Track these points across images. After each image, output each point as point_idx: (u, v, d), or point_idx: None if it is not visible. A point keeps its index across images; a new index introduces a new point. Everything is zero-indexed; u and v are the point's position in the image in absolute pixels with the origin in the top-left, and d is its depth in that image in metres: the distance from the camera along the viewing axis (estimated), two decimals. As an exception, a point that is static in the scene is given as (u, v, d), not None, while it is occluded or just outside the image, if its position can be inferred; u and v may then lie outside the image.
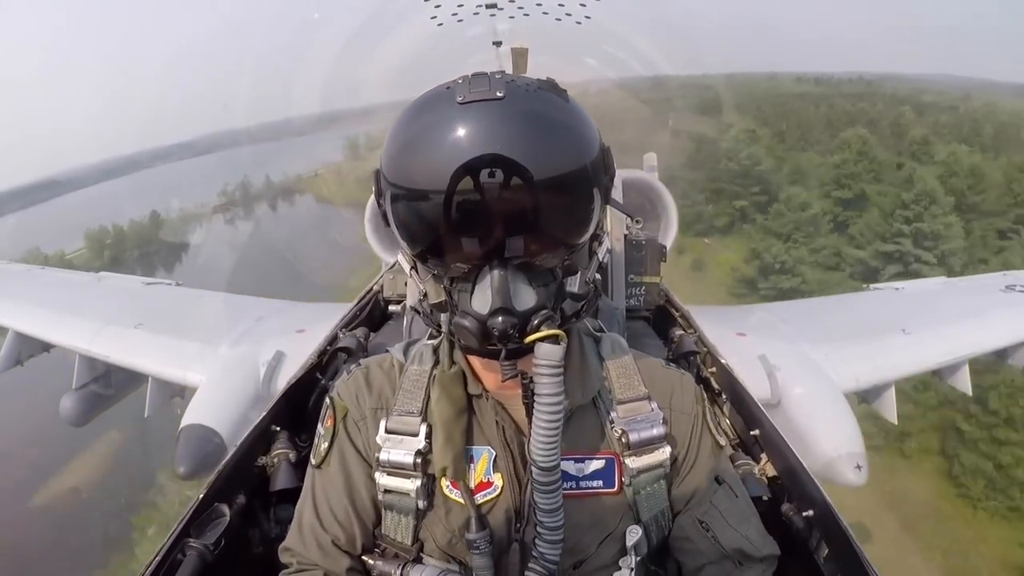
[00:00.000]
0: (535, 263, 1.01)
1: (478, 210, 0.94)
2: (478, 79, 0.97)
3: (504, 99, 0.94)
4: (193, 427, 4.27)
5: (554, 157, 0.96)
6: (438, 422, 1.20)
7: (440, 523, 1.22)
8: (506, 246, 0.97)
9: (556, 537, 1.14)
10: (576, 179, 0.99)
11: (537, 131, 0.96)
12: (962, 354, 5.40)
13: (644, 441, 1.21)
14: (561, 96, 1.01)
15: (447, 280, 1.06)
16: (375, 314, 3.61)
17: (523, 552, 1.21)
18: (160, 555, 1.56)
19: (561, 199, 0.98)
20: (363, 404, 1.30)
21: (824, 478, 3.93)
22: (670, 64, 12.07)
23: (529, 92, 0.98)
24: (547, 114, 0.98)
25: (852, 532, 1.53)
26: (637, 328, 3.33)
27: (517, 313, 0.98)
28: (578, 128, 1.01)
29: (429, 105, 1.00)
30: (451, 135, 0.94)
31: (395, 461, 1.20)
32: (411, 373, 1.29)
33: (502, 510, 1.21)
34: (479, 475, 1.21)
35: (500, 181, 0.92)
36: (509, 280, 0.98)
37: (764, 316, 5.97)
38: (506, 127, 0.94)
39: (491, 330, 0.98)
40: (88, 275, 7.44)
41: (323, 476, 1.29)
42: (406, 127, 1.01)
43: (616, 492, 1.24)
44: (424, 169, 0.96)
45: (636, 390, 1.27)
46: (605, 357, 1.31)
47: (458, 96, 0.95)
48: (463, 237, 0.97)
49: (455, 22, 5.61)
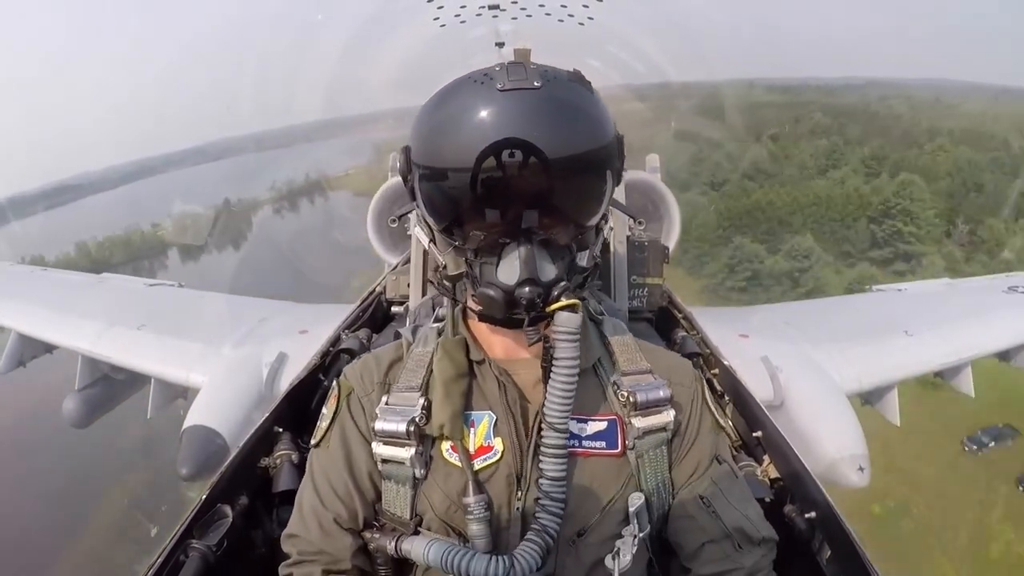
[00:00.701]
0: (553, 239, 1.11)
1: (510, 188, 1.04)
2: (515, 68, 1.06)
3: (540, 88, 1.04)
4: (196, 428, 4.26)
5: (581, 142, 1.06)
6: (438, 383, 1.24)
7: (438, 489, 1.23)
8: (526, 219, 1.06)
9: (558, 509, 1.15)
10: (599, 162, 1.10)
11: (569, 118, 1.06)
12: (965, 356, 5.38)
13: (651, 401, 1.26)
14: (587, 87, 1.10)
15: (470, 253, 1.13)
16: (377, 315, 3.61)
17: (524, 520, 1.21)
18: (163, 556, 1.56)
19: (584, 180, 1.11)
20: (369, 380, 1.33)
21: (827, 480, 3.92)
22: (673, 66, 12.10)
23: (561, 82, 1.07)
24: (578, 103, 1.08)
25: (855, 534, 1.52)
26: (639, 329, 3.32)
27: (542, 283, 1.07)
28: (601, 116, 1.10)
29: (468, 89, 1.08)
30: (492, 117, 1.02)
31: (389, 429, 1.22)
32: (415, 354, 1.33)
33: (503, 476, 1.22)
34: (480, 439, 1.23)
35: (533, 162, 1.01)
36: (535, 253, 1.08)
37: (767, 317, 5.96)
38: (542, 113, 1.03)
39: (519, 299, 1.07)
40: (90, 276, 7.45)
41: (323, 454, 1.31)
42: (442, 108, 1.10)
43: (619, 454, 1.26)
44: (463, 148, 1.03)
45: (638, 364, 1.32)
46: (608, 335, 1.37)
47: (498, 83, 1.04)
48: (493, 212, 1.07)
49: (458, 23, 5.61)
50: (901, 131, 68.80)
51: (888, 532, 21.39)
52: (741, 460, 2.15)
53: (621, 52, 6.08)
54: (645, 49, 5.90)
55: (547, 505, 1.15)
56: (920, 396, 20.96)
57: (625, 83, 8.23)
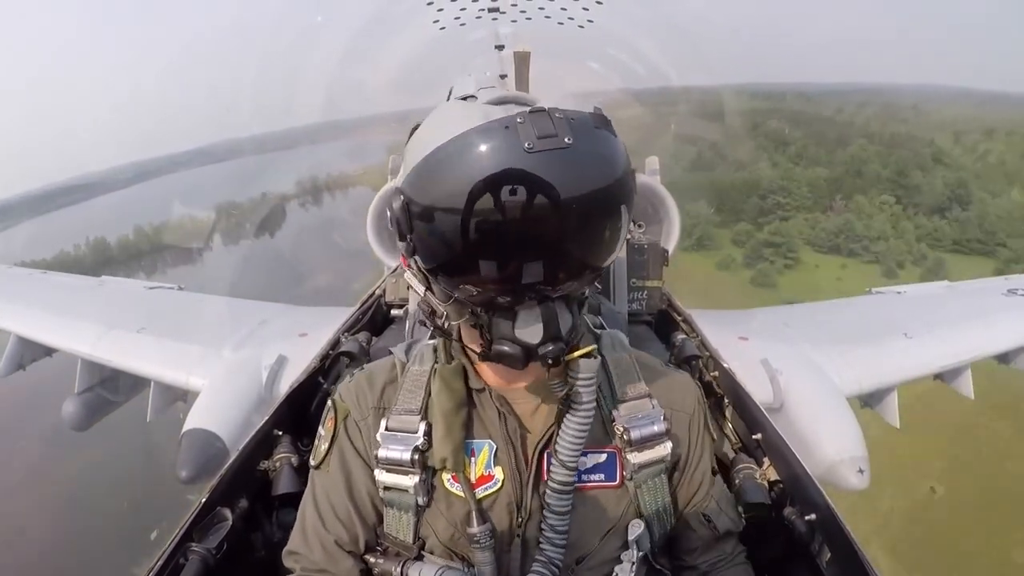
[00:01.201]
0: (572, 292, 1.07)
1: (533, 247, 0.96)
2: (541, 121, 0.93)
3: (571, 147, 0.92)
4: (195, 431, 4.25)
5: (610, 195, 0.98)
6: (438, 414, 1.22)
7: (442, 518, 1.23)
8: (551, 280, 0.99)
9: (562, 540, 1.18)
10: (617, 211, 1.01)
11: (600, 173, 0.96)
12: (965, 358, 5.37)
13: (646, 437, 1.24)
14: (611, 131, 1.01)
15: (479, 308, 1.06)
16: (377, 318, 3.62)
17: (524, 547, 1.22)
18: (162, 559, 1.56)
19: (607, 232, 1.01)
20: (364, 405, 1.31)
21: (827, 482, 3.92)
22: (673, 69, 12.11)
23: (589, 133, 0.96)
24: (606, 155, 0.98)
25: (854, 536, 1.53)
26: (639, 332, 3.33)
27: (563, 339, 1.05)
28: (624, 162, 1.01)
29: (490, 144, 0.93)
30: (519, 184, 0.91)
31: (393, 458, 1.21)
32: (412, 373, 1.31)
33: (503, 504, 1.23)
34: (480, 468, 1.23)
35: (562, 219, 0.93)
36: (556, 311, 1.04)
37: (766, 320, 5.95)
38: (575, 175, 0.93)
39: (543, 356, 1.04)
40: (90, 279, 7.43)
41: (323, 477, 1.31)
42: (459, 165, 0.94)
43: (617, 486, 1.26)
44: (487, 211, 0.92)
45: (637, 388, 1.30)
46: (606, 355, 1.34)
47: (524, 143, 0.91)
48: (511, 271, 0.97)
49: (457, 26, 5.61)
50: (837, 133, 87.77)
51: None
52: (741, 462, 2.15)
53: (621, 54, 6.09)
54: (645, 52, 5.92)
55: (552, 537, 1.18)
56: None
57: (625, 86, 8.22)
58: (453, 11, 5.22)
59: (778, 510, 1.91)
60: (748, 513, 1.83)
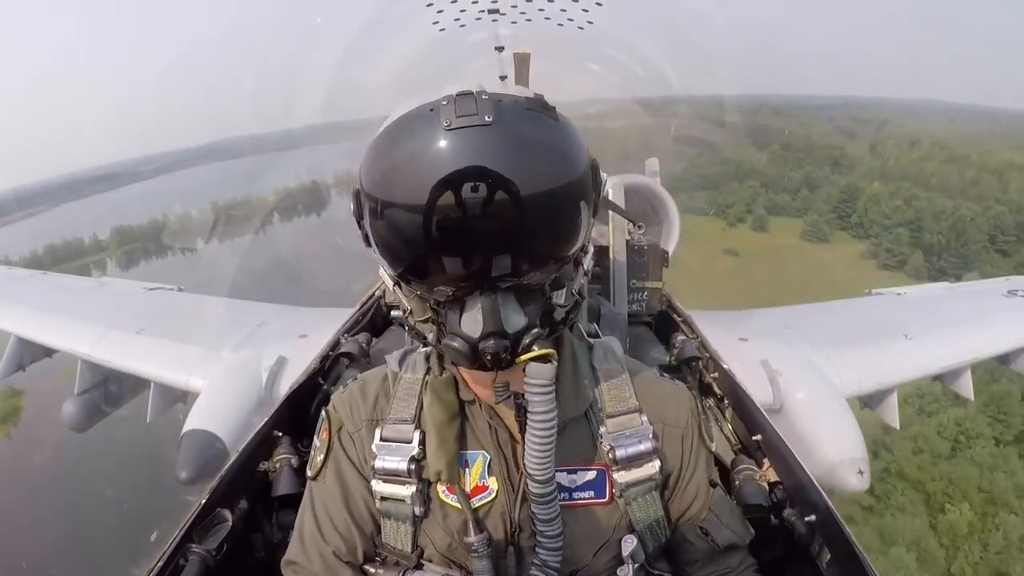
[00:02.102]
0: (523, 283, 0.99)
1: (464, 230, 0.90)
2: (464, 101, 0.91)
3: (492, 124, 0.89)
4: (195, 432, 4.26)
5: (543, 176, 0.92)
6: (431, 427, 1.21)
7: (439, 527, 1.23)
8: (494, 267, 0.94)
9: (556, 544, 1.16)
10: (565, 195, 0.96)
11: (526, 152, 0.92)
12: (965, 359, 5.38)
13: (631, 456, 1.22)
14: (550, 115, 0.97)
15: (432, 300, 1.04)
16: (377, 319, 3.62)
17: (519, 556, 1.22)
18: (162, 560, 1.56)
19: (550, 217, 0.95)
20: (357, 416, 1.31)
21: (826, 483, 3.92)
22: (674, 72, 12.00)
23: (517, 114, 0.93)
24: (536, 136, 0.94)
25: (854, 537, 1.53)
26: (639, 333, 3.33)
27: (508, 336, 0.98)
28: (567, 146, 0.97)
29: (413, 128, 0.94)
30: (437, 159, 0.89)
31: (390, 468, 1.21)
32: (404, 382, 1.30)
33: (497, 514, 1.22)
34: (474, 479, 1.23)
35: (485, 197, 0.88)
36: (500, 303, 0.97)
37: (766, 321, 5.96)
38: (495, 150, 0.89)
39: (483, 353, 0.97)
40: (90, 280, 7.46)
41: (320, 488, 1.30)
42: (388, 150, 0.96)
43: (607, 502, 1.25)
44: (408, 191, 0.90)
45: (626, 403, 1.27)
46: (597, 366, 1.31)
47: (444, 121, 0.89)
48: (448, 258, 0.93)
49: (457, 27, 5.61)
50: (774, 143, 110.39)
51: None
52: (741, 464, 2.15)
53: (621, 56, 6.09)
54: (645, 54, 5.91)
55: (545, 543, 1.16)
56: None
57: (624, 87, 8.19)
58: (453, 13, 5.22)
59: (778, 511, 1.91)
60: (748, 514, 1.83)
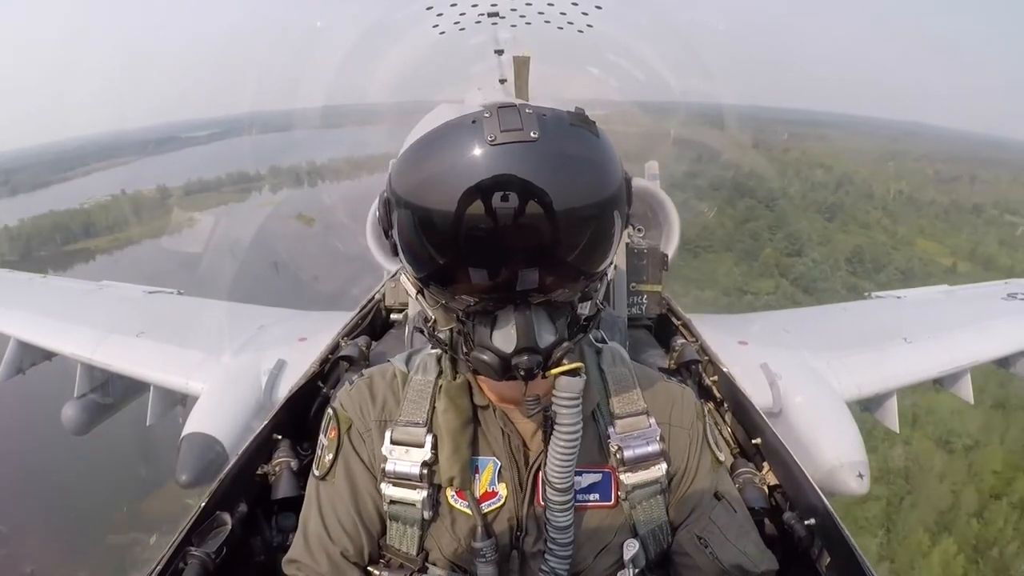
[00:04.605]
0: (554, 299, 1.00)
1: (503, 243, 0.91)
2: (508, 114, 0.90)
3: (538, 141, 0.89)
4: (195, 436, 4.26)
5: (583, 193, 0.93)
6: (445, 433, 1.20)
7: (447, 532, 1.23)
8: (527, 280, 0.95)
9: (567, 553, 1.17)
10: (602, 213, 0.97)
11: (570, 169, 0.92)
12: (964, 363, 5.38)
13: (639, 457, 1.22)
14: (591, 129, 0.97)
15: (461, 312, 1.04)
16: (377, 323, 3.62)
17: (523, 560, 1.22)
18: (162, 564, 1.56)
19: (587, 234, 0.96)
20: (367, 415, 1.29)
21: (826, 487, 3.92)
22: (673, 75, 11.99)
23: (562, 130, 0.93)
24: (579, 153, 0.94)
25: (854, 541, 1.53)
26: (639, 337, 3.33)
27: (541, 351, 0.99)
28: (606, 162, 0.97)
29: (453, 140, 0.92)
30: (483, 173, 0.88)
31: (401, 472, 1.20)
32: (415, 383, 1.29)
33: (505, 520, 1.22)
34: (484, 485, 1.23)
35: (530, 214, 0.88)
36: (532, 318, 0.98)
37: (766, 324, 5.96)
38: (540, 167, 0.89)
39: (516, 368, 0.99)
40: (90, 283, 7.43)
41: (328, 487, 1.28)
42: (426, 159, 0.95)
43: (612, 506, 1.25)
44: (449, 200, 0.89)
45: (634, 405, 1.27)
46: (605, 369, 1.32)
47: (488, 135, 0.88)
48: (486, 269, 0.94)
49: (457, 31, 5.62)
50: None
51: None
52: (740, 467, 2.15)
53: (620, 60, 6.10)
54: (645, 57, 5.93)
55: (555, 550, 1.17)
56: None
57: (624, 90, 8.21)
58: (453, 16, 5.23)
59: (777, 515, 1.91)
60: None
